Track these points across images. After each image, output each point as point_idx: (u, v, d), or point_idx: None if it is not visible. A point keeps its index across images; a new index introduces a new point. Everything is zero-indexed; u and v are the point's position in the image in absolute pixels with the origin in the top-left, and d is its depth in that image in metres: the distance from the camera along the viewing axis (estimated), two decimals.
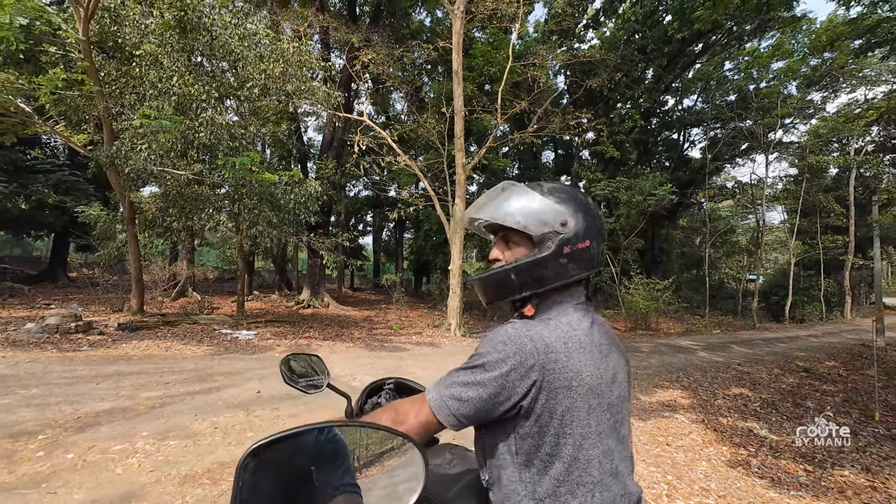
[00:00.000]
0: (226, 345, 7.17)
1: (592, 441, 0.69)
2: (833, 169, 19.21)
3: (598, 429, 0.70)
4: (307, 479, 0.41)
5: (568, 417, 0.68)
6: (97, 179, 12.84)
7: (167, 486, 2.49)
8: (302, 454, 0.42)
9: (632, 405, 0.87)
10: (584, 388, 0.69)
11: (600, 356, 0.75)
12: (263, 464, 0.40)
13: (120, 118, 7.65)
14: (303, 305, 13.47)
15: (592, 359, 0.72)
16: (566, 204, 0.79)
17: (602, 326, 0.83)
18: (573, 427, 0.68)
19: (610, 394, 0.74)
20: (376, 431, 0.47)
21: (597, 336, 0.78)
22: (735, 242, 22.76)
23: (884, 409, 5.11)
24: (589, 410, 0.69)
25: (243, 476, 0.38)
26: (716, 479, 3.18)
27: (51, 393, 4.00)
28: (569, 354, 0.70)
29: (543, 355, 0.68)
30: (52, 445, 2.90)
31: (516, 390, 0.67)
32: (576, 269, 0.78)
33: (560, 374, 0.68)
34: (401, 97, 17.84)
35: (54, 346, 6.02)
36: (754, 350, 9.60)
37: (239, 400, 4.19)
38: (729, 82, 18.39)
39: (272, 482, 0.40)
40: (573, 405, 0.68)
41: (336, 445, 0.44)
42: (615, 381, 0.77)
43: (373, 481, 0.44)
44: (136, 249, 8.88)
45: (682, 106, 21.07)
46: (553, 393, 0.67)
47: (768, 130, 16.53)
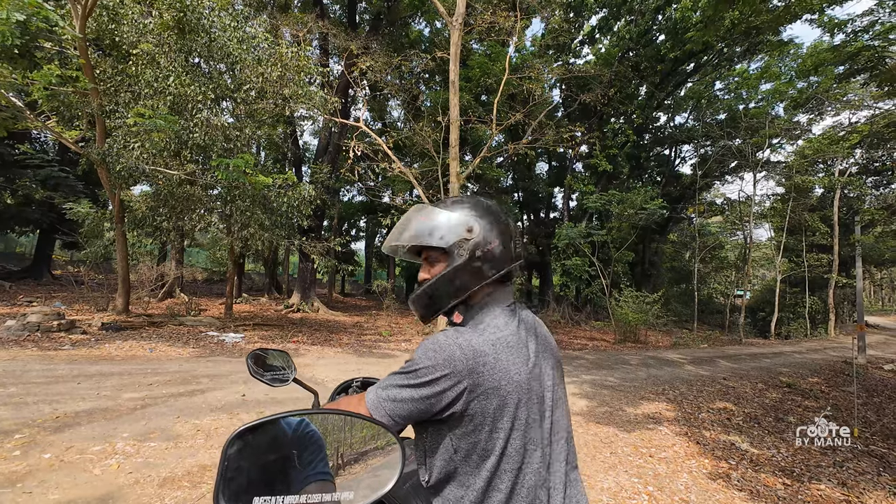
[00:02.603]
0: (212, 347, 7.08)
1: (522, 432, 0.74)
2: (818, 189, 19.71)
3: (528, 420, 0.76)
4: (284, 465, 0.44)
5: (499, 414, 0.72)
6: (87, 176, 12.69)
7: (146, 487, 2.45)
8: (280, 441, 0.45)
9: (566, 391, 0.92)
10: (513, 385, 0.74)
11: (528, 353, 0.80)
12: (247, 447, 0.44)
13: (114, 116, 7.61)
14: (292, 309, 13.36)
15: (520, 356, 0.78)
16: (469, 211, 0.85)
17: (529, 322, 0.88)
18: (504, 422, 0.73)
19: (539, 387, 0.80)
20: (356, 421, 0.50)
21: (524, 334, 0.83)
22: (723, 258, 23.14)
23: (862, 426, 5.21)
24: (518, 405, 0.74)
25: (228, 457, 0.42)
26: (696, 490, 3.21)
27: (29, 392, 3.92)
28: (497, 357, 0.74)
29: (472, 360, 0.72)
30: (29, 445, 2.85)
31: (447, 395, 0.71)
32: (491, 270, 0.83)
33: (489, 377, 0.72)
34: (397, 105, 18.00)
35: (35, 345, 5.90)
36: (740, 365, 9.72)
37: (223, 403, 4.14)
38: (719, 101, 18.88)
39: (253, 464, 0.43)
40: (504, 403, 0.73)
41: (312, 435, 0.47)
42: (543, 373, 0.83)
43: (349, 469, 0.47)
44: (123, 248, 8.78)
45: (673, 123, 21.55)
46: (484, 394, 0.72)
47: (756, 149, 16.95)
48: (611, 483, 3.19)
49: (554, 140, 12.73)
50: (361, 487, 0.46)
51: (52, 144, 15.19)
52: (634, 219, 14.73)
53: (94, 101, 7.35)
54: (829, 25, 7.97)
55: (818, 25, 8.31)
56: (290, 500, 0.42)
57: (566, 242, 15.16)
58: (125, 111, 7.31)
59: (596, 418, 4.83)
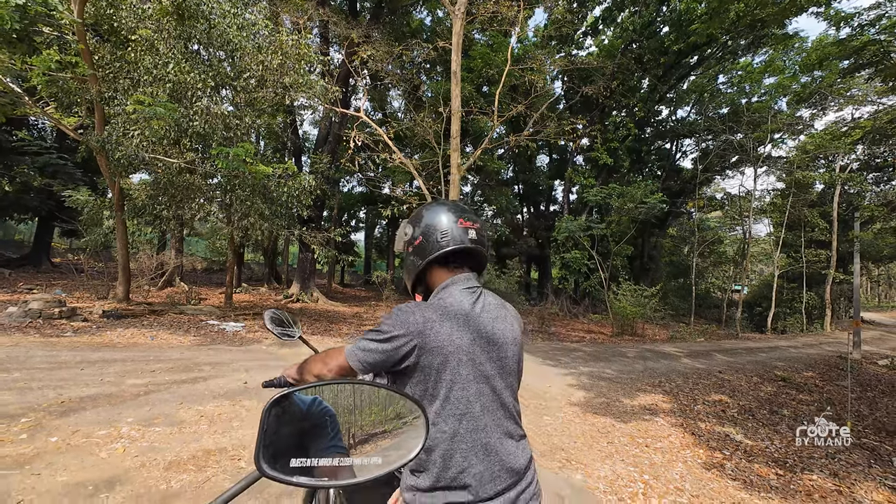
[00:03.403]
0: (213, 336, 7.12)
1: (461, 385, 0.91)
2: (819, 185, 19.70)
3: (468, 377, 0.92)
4: (317, 431, 0.47)
5: (442, 368, 0.91)
6: (86, 164, 12.61)
7: (152, 471, 2.50)
8: (308, 411, 0.48)
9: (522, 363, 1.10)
10: (454, 347, 0.92)
11: (476, 325, 0.97)
12: (284, 413, 0.47)
13: (113, 103, 7.54)
14: (292, 300, 13.40)
15: (466, 325, 0.95)
16: (410, 218, 1.14)
17: (490, 304, 1.05)
18: (445, 375, 0.91)
19: (483, 352, 0.96)
20: (379, 391, 0.52)
21: (478, 310, 1.00)
22: (722, 253, 23.20)
23: (855, 419, 5.29)
24: (459, 363, 0.91)
25: (267, 420, 0.44)
26: (691, 479, 3.28)
27: (33, 377, 3.96)
28: (442, 323, 0.92)
29: (422, 325, 0.91)
30: (36, 429, 2.89)
31: (402, 351, 0.90)
32: (419, 259, 1.07)
33: (435, 338, 0.91)
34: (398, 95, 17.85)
35: (37, 331, 5.93)
36: (736, 358, 9.82)
37: (225, 390, 4.18)
38: (722, 95, 18.77)
39: (290, 429, 0.46)
40: (446, 360, 0.91)
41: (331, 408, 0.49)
42: (493, 343, 0.99)
43: (373, 439, 0.50)
44: (123, 236, 8.77)
45: (675, 116, 21.45)
46: (430, 352, 0.90)
47: (758, 144, 16.91)
48: (607, 471, 3.25)
49: (555, 132, 12.67)
50: (390, 453, 0.49)
51: (49, 131, 15.05)
52: (634, 213, 14.72)
53: (92, 88, 7.29)
54: (835, 19, 7.89)
55: (824, 19, 8.23)
56: (324, 462, 0.45)
57: (566, 235, 15.17)
58: (124, 98, 7.25)
59: (593, 409, 4.90)
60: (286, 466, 0.44)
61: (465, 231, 1.04)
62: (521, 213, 23.50)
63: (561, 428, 4.16)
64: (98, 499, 2.18)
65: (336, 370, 0.95)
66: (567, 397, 5.31)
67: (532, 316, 14.53)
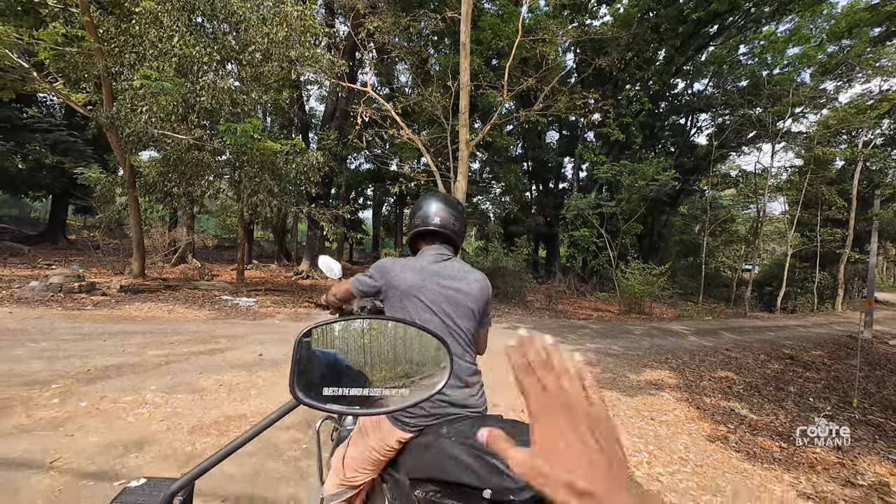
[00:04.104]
0: (227, 310, 7.30)
1: (415, 311, 1.29)
2: (839, 161, 19.07)
3: (419, 306, 1.30)
4: (342, 364, 0.50)
5: (397, 299, 1.32)
6: (96, 141, 12.67)
7: (177, 434, 2.63)
8: (340, 344, 0.51)
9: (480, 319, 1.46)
10: (406, 287, 1.31)
11: (432, 274, 1.34)
12: (314, 344, 0.50)
13: (120, 78, 7.51)
14: (302, 276, 13.59)
15: (421, 273, 1.33)
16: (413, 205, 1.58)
17: (450, 267, 1.39)
18: (404, 303, 1.31)
19: (434, 293, 1.31)
20: (406, 327, 0.55)
21: (438, 268, 1.36)
22: (734, 232, 22.83)
23: (862, 397, 5.31)
24: (409, 298, 1.31)
25: (300, 351, 0.47)
26: (695, 450, 3.36)
27: (59, 348, 4.12)
28: (403, 271, 1.33)
29: (388, 271, 1.35)
30: (66, 394, 3.04)
31: (376, 286, 1.37)
32: (407, 232, 1.57)
33: (394, 279, 1.33)
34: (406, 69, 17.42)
35: (59, 305, 6.14)
36: (743, 337, 9.83)
37: (242, 361, 4.33)
38: (742, 67, 18.00)
39: (320, 360, 0.49)
40: (401, 293, 1.31)
41: (359, 339, 0.52)
42: (448, 288, 1.34)
43: (400, 372, 0.53)
44: (136, 213, 8.90)
45: (691, 90, 20.70)
46: (393, 288, 1.33)
47: (777, 119, 16.32)
48: None
49: (566, 107, 12.33)
50: (416, 386, 0.52)
51: (58, 108, 15.07)
52: (645, 190, 14.47)
53: (99, 63, 7.24)
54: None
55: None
56: (356, 391, 0.48)
57: (574, 213, 15.02)
58: (130, 73, 7.20)
59: (599, 383, 4.98)
60: (319, 394, 0.47)
61: (432, 217, 1.42)
62: (530, 191, 23.22)
63: None
64: (128, 458, 2.31)
65: (343, 292, 1.51)
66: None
67: (539, 294, 14.59)
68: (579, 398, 0.35)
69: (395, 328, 0.55)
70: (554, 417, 0.34)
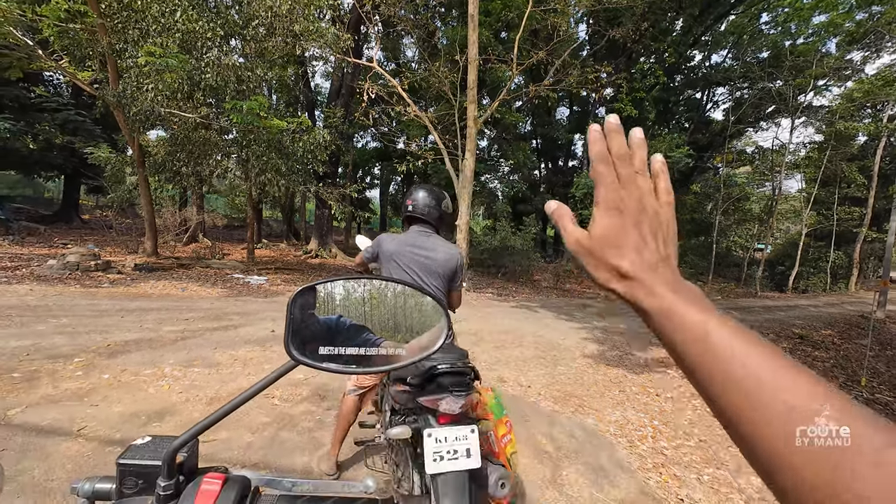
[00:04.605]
0: (238, 288, 7.44)
1: (396, 272, 1.83)
2: (861, 137, 18.37)
3: (397, 268, 1.84)
4: (339, 324, 0.51)
5: (384, 262, 1.88)
6: (104, 120, 12.68)
7: (196, 405, 2.73)
8: (337, 304, 0.52)
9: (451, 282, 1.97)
10: (389, 253, 1.86)
11: (411, 244, 1.87)
12: (309, 304, 0.50)
13: (124, 55, 7.43)
14: (311, 255, 13.73)
15: (402, 244, 1.86)
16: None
17: (431, 240, 1.90)
18: (388, 265, 1.87)
19: (409, 259, 1.85)
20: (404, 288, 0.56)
21: (416, 240, 1.88)
22: (748, 210, 22.35)
23: (871, 376, 5.30)
24: (389, 261, 1.86)
25: (292, 310, 0.47)
26: (700, 425, 3.40)
27: (80, 323, 4.26)
28: (389, 242, 1.88)
29: (381, 242, 1.90)
30: (88, 367, 3.16)
31: (374, 253, 1.92)
32: (402, 215, 2.03)
33: (382, 248, 1.88)
34: (412, 43, 16.96)
35: (77, 282, 6.30)
36: (752, 317, 9.78)
37: (255, 337, 4.44)
38: (763, 37, 17.15)
39: (316, 320, 0.50)
40: (385, 258, 1.87)
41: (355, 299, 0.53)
42: (417, 257, 1.85)
43: (397, 333, 0.54)
44: (147, 193, 8.98)
45: (709, 62, 19.86)
46: (382, 254, 1.88)
47: (798, 92, 15.67)
48: (618, 416, 3.40)
49: (577, 81, 11.96)
50: (413, 346, 0.53)
51: (65, 87, 15.04)
52: None
53: (103, 39, 7.16)
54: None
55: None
56: (352, 350, 0.49)
57: (584, 192, 14.81)
58: (135, 50, 7.12)
59: (606, 361, 5.03)
60: (315, 353, 0.47)
61: (416, 205, 1.93)
62: (539, 169, 22.86)
63: (574, 377, 4.31)
64: (151, 427, 2.42)
65: (359, 260, 2.05)
66: (581, 349, 5.45)
67: (547, 272, 14.60)
68: (650, 198, 0.36)
69: (395, 289, 0.56)
70: (619, 211, 0.35)
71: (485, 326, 6.05)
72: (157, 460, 0.46)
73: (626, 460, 2.71)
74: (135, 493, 0.47)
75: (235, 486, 0.44)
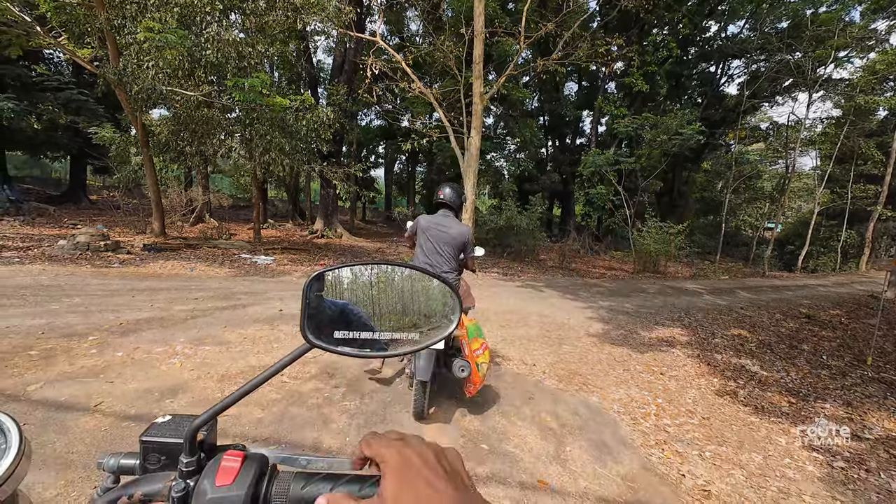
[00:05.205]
0: (246, 268, 7.51)
1: (421, 244, 2.85)
2: (882, 111, 17.71)
3: (423, 240, 2.84)
4: (353, 310, 0.51)
5: (420, 235, 2.88)
6: (106, 99, 12.57)
7: (207, 382, 2.80)
8: (351, 289, 0.51)
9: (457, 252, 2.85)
10: (422, 229, 2.87)
11: (435, 223, 2.84)
12: (324, 288, 0.50)
13: (123, 31, 7.28)
14: (316, 235, 13.77)
15: (430, 222, 2.85)
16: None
17: (448, 220, 2.86)
18: (420, 237, 2.87)
19: (433, 231, 2.81)
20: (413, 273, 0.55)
21: (440, 220, 2.85)
22: (759, 188, 21.90)
23: (877, 356, 5.28)
24: (422, 235, 2.86)
25: (308, 295, 0.48)
26: (703, 404, 3.44)
27: (92, 302, 4.35)
28: (423, 221, 2.88)
29: (418, 220, 2.93)
30: (102, 345, 3.24)
31: (414, 229, 2.96)
32: (434, 202, 3.03)
33: (420, 225, 2.89)
34: (416, 15, 16.42)
35: (87, 262, 6.40)
36: (759, 296, 9.73)
37: (263, 316, 4.50)
38: (783, 6, 16.35)
39: (331, 304, 0.51)
40: (419, 232, 2.89)
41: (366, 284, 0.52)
42: (437, 231, 2.81)
43: (410, 317, 0.54)
44: (152, 173, 8.97)
45: (725, 33, 19.06)
46: (418, 229, 2.90)
47: (818, 65, 15.03)
48: (622, 395, 3.44)
49: (587, 55, 11.55)
50: (425, 330, 0.53)
51: (66, 66, 14.85)
52: (667, 145, 13.81)
53: (101, 15, 7.01)
54: None
55: None
56: (366, 335, 0.49)
57: (591, 170, 14.55)
58: (133, 26, 6.96)
59: (611, 340, 5.06)
60: (330, 337, 0.48)
61: (442, 195, 2.90)
62: (546, 147, 22.44)
63: (579, 356, 4.35)
64: (164, 403, 2.49)
65: (407, 235, 3.04)
66: (586, 329, 5.47)
67: (553, 252, 14.55)
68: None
69: (405, 274, 0.55)
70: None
71: (490, 306, 6.08)
72: (178, 438, 0.48)
73: (629, 437, 2.75)
74: (157, 468, 0.49)
75: (254, 463, 0.46)
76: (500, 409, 2.93)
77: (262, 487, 0.44)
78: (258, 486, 0.43)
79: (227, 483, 0.42)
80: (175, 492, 0.43)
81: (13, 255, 6.24)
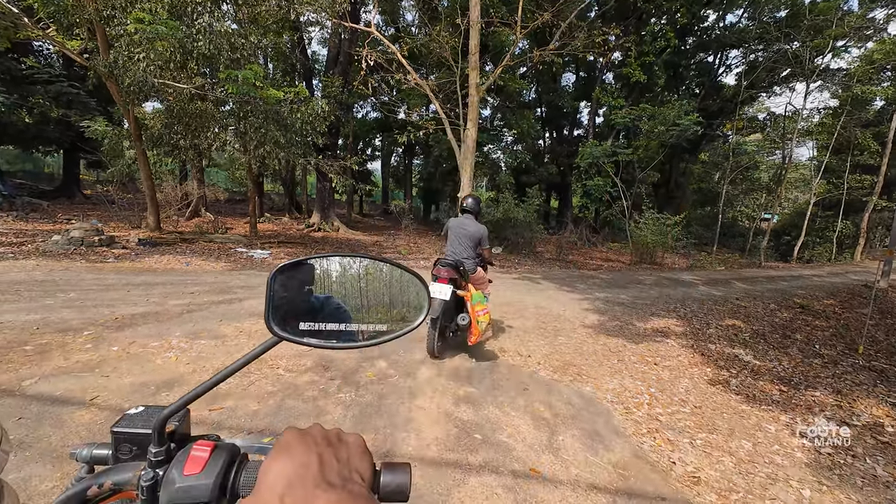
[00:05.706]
0: (242, 262, 7.50)
1: (450, 237, 3.90)
2: (878, 101, 17.69)
3: (450, 233, 3.89)
4: (320, 301, 0.51)
5: (449, 233, 3.93)
6: (98, 92, 12.40)
7: (203, 376, 2.82)
8: (318, 281, 0.52)
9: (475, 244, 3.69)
10: (449, 228, 3.93)
11: (457, 223, 3.87)
12: (289, 280, 0.51)
13: (113, 22, 7.16)
14: (313, 229, 13.74)
15: (456, 223, 3.89)
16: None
17: (464, 221, 3.86)
18: (448, 233, 3.93)
19: (455, 231, 3.85)
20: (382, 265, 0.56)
21: (462, 221, 3.87)
22: (756, 179, 21.92)
23: (869, 344, 5.34)
24: (450, 233, 3.90)
25: (272, 287, 0.48)
26: (695, 393, 3.48)
27: (87, 297, 4.34)
28: (451, 222, 3.94)
29: (449, 222, 4.00)
30: (98, 340, 3.24)
31: (446, 228, 4.00)
32: (459, 208, 4.19)
33: (449, 225, 3.96)
34: (412, 5, 16.22)
35: (82, 257, 6.37)
36: (755, 287, 9.79)
37: (259, 310, 4.50)
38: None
39: (295, 297, 0.51)
40: (449, 231, 3.94)
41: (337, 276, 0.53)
42: (459, 228, 3.83)
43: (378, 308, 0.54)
44: (146, 167, 8.90)
45: (723, 22, 18.91)
46: (448, 228, 3.96)
47: (816, 54, 14.97)
48: (615, 384, 3.48)
49: (584, 45, 11.47)
50: (394, 321, 0.53)
51: (56, 58, 14.63)
52: (665, 136, 13.78)
53: (89, 6, 6.89)
54: None
55: None
56: (332, 326, 0.50)
57: (589, 162, 14.52)
58: (123, 16, 6.85)
59: (606, 331, 5.09)
60: (296, 329, 0.49)
61: (465, 204, 3.96)
62: (543, 139, 22.34)
63: (574, 347, 4.38)
64: (160, 396, 2.50)
65: (443, 233, 4.19)
66: (581, 320, 5.51)
67: (550, 244, 14.57)
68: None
69: (373, 266, 0.55)
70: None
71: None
72: (148, 429, 0.48)
73: (621, 426, 2.79)
74: (129, 458, 0.50)
75: (224, 452, 0.46)
76: (495, 399, 2.96)
77: (231, 476, 0.45)
78: (227, 474, 0.44)
79: (196, 472, 0.43)
80: (144, 481, 0.44)
81: (7, 251, 6.21)
